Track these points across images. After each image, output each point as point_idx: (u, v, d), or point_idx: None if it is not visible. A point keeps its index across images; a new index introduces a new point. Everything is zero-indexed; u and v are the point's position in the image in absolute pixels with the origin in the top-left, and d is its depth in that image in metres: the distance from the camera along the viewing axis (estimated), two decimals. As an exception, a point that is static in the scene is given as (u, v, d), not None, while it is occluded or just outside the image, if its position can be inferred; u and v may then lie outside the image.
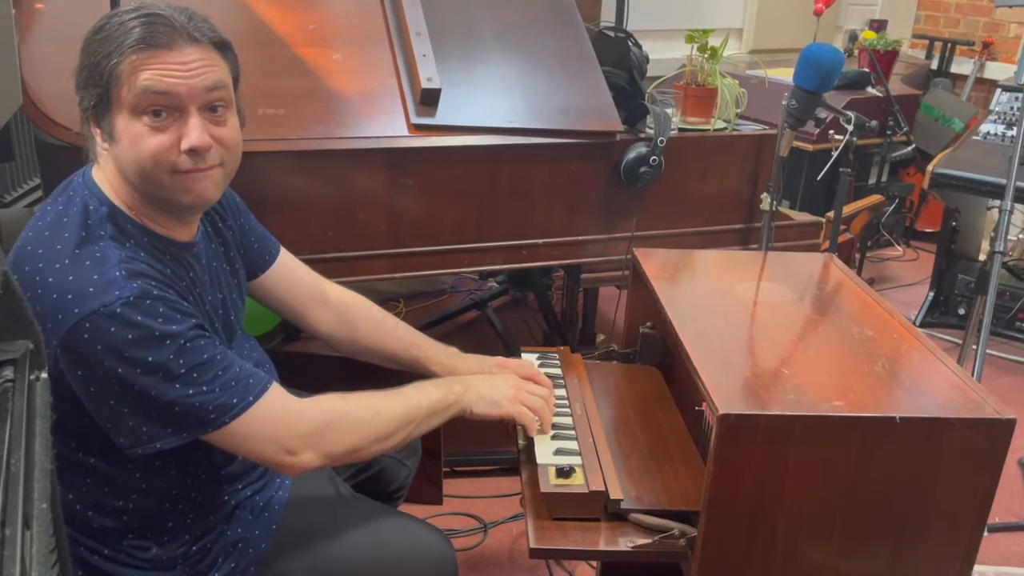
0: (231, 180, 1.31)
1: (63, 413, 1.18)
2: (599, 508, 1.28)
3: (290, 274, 1.57)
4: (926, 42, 4.71)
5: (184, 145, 1.18)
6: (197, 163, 1.19)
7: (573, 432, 1.42)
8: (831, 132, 2.53)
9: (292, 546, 1.37)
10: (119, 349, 1.13)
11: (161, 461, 1.26)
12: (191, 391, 1.17)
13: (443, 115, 2.06)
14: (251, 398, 1.22)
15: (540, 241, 2.22)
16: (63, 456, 1.23)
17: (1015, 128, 2.96)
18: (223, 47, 1.24)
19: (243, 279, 1.49)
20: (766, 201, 2.24)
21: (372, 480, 1.67)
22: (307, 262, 1.64)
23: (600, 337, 2.95)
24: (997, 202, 2.61)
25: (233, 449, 1.24)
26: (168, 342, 1.15)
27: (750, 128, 2.46)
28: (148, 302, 1.15)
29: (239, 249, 1.48)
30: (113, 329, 1.12)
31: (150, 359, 1.14)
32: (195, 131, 1.18)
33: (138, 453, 1.19)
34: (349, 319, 1.59)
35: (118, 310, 1.12)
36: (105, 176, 1.24)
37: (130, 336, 1.13)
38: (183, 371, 1.16)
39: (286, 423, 1.25)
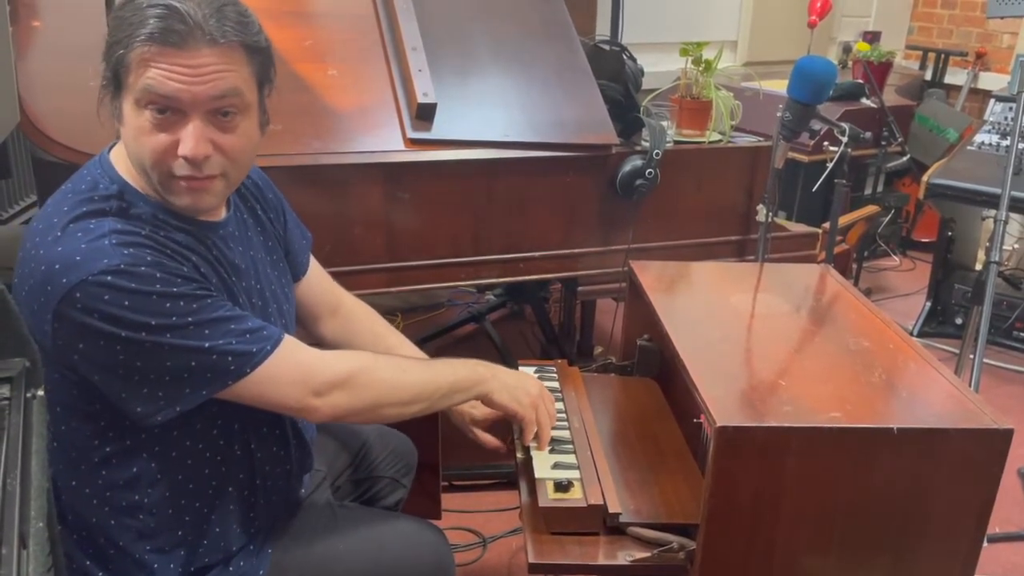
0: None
1: (74, 399, 1.18)
2: (598, 522, 1.28)
3: (316, 281, 1.57)
4: (920, 53, 4.74)
5: (179, 151, 1.14)
6: (194, 171, 1.15)
7: (571, 446, 1.42)
8: (826, 143, 2.54)
9: (289, 561, 1.35)
10: (116, 316, 1.10)
11: (177, 451, 1.24)
12: (207, 344, 1.15)
13: (439, 129, 2.07)
14: (269, 347, 1.20)
15: (537, 254, 2.23)
16: (79, 448, 1.22)
17: (1009, 138, 2.97)
18: (252, 49, 1.17)
19: (287, 275, 1.46)
20: (762, 212, 2.24)
21: (369, 502, 1.66)
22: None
23: (598, 349, 2.95)
24: (992, 212, 2.61)
25: (257, 399, 1.21)
26: (168, 304, 1.12)
27: (745, 140, 2.46)
28: (142, 268, 1.11)
29: (280, 244, 1.45)
30: (107, 297, 1.09)
31: (152, 322, 1.11)
32: (191, 140, 1.13)
33: (157, 421, 1.16)
34: (352, 331, 1.59)
35: (108, 278, 1.09)
36: (123, 156, 1.21)
37: (126, 302, 1.10)
38: (192, 327, 1.14)
39: (311, 367, 1.24)
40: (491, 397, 1.40)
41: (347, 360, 1.30)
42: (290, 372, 1.22)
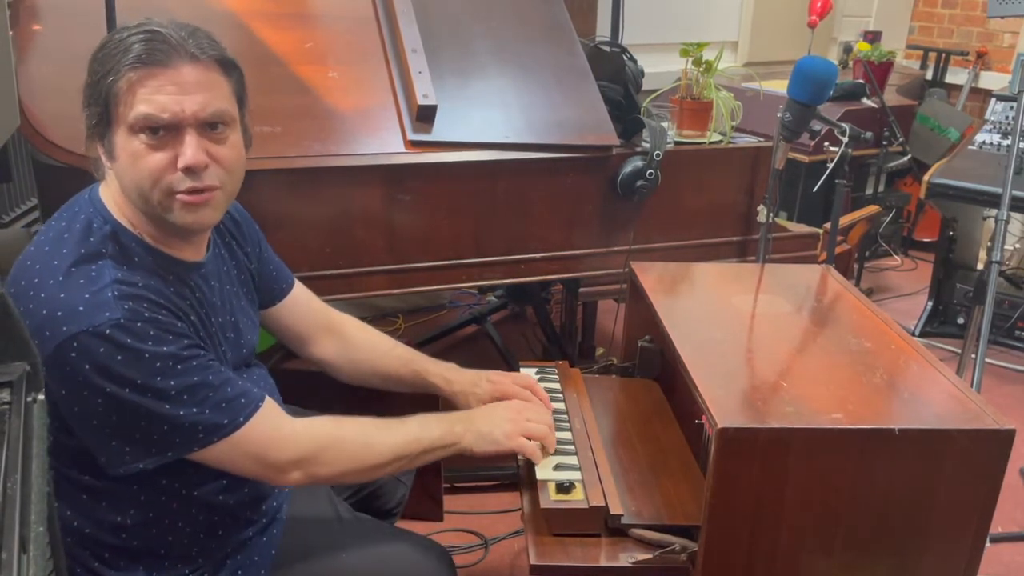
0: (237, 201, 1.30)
1: (55, 431, 1.17)
2: (599, 524, 1.28)
3: (302, 304, 1.58)
4: (920, 53, 4.73)
5: (180, 163, 1.17)
6: (194, 181, 1.18)
7: (572, 447, 1.42)
8: (827, 144, 2.54)
9: (292, 570, 1.36)
10: (108, 368, 1.12)
11: (161, 478, 1.24)
12: (181, 412, 1.16)
13: (439, 131, 2.07)
14: (241, 419, 1.21)
15: (538, 255, 2.23)
16: (58, 473, 1.22)
17: (1010, 137, 2.97)
18: (227, 65, 1.22)
19: (255, 305, 1.49)
20: (763, 213, 2.24)
21: (370, 497, 1.66)
22: (306, 279, 1.64)
23: (599, 351, 2.95)
24: (993, 211, 2.61)
25: (217, 465, 1.23)
26: (158, 364, 1.14)
27: (746, 140, 2.46)
28: (139, 324, 1.14)
29: (254, 277, 1.48)
30: (102, 350, 1.11)
31: (139, 380, 1.13)
32: (190, 149, 1.16)
33: (120, 473, 1.18)
34: (349, 344, 1.60)
35: (107, 331, 1.11)
36: (111, 195, 1.23)
37: (119, 357, 1.12)
38: (173, 392, 1.16)
39: (275, 444, 1.25)
40: (472, 451, 1.39)
41: (312, 437, 1.29)
42: (254, 447, 1.23)
